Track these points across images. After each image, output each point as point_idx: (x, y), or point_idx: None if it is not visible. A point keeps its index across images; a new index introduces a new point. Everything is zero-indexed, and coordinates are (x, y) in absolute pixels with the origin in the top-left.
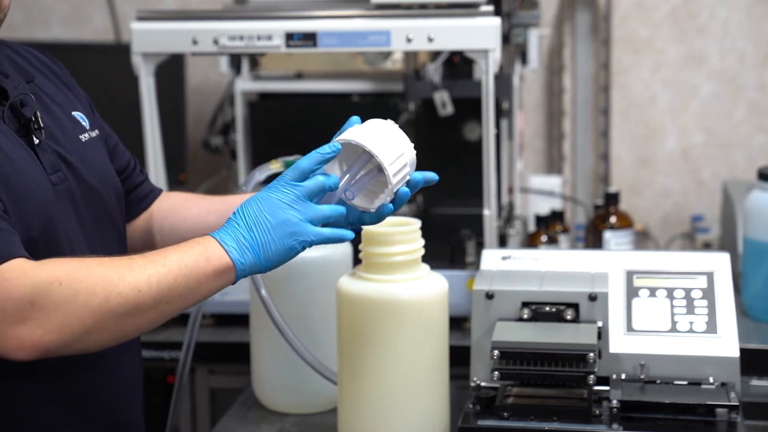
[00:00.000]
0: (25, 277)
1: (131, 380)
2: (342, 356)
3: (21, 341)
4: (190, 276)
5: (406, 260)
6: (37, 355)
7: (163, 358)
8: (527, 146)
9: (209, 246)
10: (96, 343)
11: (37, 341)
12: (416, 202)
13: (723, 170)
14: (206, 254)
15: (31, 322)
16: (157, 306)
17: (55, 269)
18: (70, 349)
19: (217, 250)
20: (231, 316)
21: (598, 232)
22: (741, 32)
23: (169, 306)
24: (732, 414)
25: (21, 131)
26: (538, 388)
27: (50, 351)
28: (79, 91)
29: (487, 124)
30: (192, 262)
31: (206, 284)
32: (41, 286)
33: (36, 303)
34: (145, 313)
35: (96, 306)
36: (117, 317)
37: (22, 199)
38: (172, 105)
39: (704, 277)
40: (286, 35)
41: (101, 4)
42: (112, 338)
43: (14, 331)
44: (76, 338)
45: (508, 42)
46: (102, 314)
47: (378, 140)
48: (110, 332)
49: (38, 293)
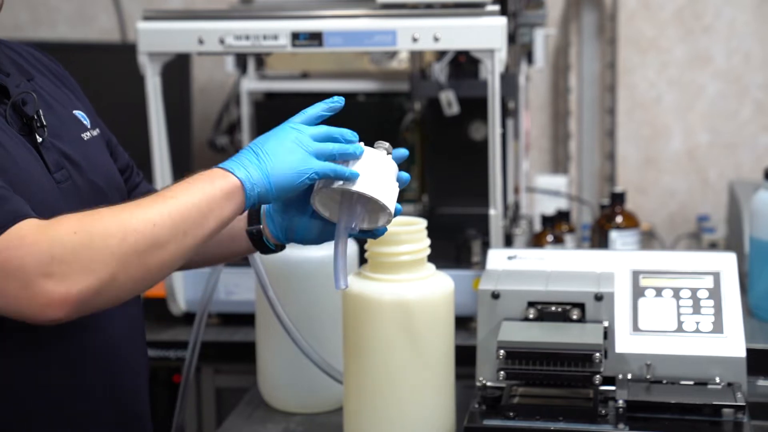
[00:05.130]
0: (40, 233)
1: (138, 372)
2: (348, 356)
3: (50, 297)
4: (201, 203)
5: (412, 260)
6: (70, 310)
7: (169, 358)
8: (533, 146)
9: (214, 172)
10: (126, 287)
11: (65, 294)
12: (422, 202)
13: (729, 170)
14: (211, 178)
15: (55, 276)
16: (175, 237)
17: (67, 221)
18: (103, 298)
19: (222, 173)
20: (237, 316)
21: (604, 232)
22: (747, 32)
23: (187, 237)
24: (738, 414)
25: (23, 130)
26: (543, 388)
27: (82, 302)
28: (78, 89)
29: (492, 124)
30: (198, 189)
31: (218, 208)
32: (57, 239)
33: (56, 255)
34: (165, 246)
35: (115, 246)
36: (138, 254)
37: (26, 199)
38: (178, 104)
39: (710, 277)
40: (291, 35)
41: (107, 4)
42: (140, 278)
43: (40, 287)
44: (105, 283)
45: (514, 42)
46: (123, 253)
47: (373, 180)
48: (136, 271)
49: (55, 245)
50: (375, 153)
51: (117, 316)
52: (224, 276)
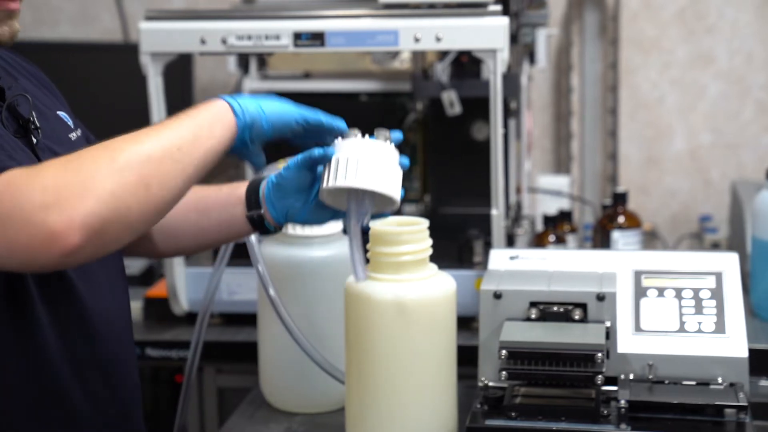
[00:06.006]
0: (29, 175)
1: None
2: (350, 356)
3: (53, 228)
4: (188, 122)
5: (414, 260)
6: (79, 238)
7: (171, 358)
8: (535, 146)
9: (200, 104)
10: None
11: (68, 221)
12: (424, 202)
13: (731, 170)
14: (198, 107)
15: (53, 206)
16: (169, 154)
17: (53, 161)
18: (112, 224)
19: (210, 101)
20: (239, 316)
21: (606, 232)
22: (749, 32)
23: (183, 154)
24: (740, 414)
25: (19, 132)
26: (546, 388)
27: (90, 228)
28: (56, 91)
29: (495, 124)
30: (184, 115)
31: (208, 129)
32: (48, 174)
33: (48, 186)
34: (161, 162)
35: (105, 166)
36: (133, 170)
37: None
38: (181, 104)
39: (713, 277)
40: (294, 35)
41: (109, 4)
42: (143, 198)
43: (41, 220)
44: (108, 204)
45: (516, 42)
46: (116, 170)
47: (380, 174)
48: (136, 188)
49: (47, 178)
50: (378, 145)
51: (103, 308)
52: (226, 276)
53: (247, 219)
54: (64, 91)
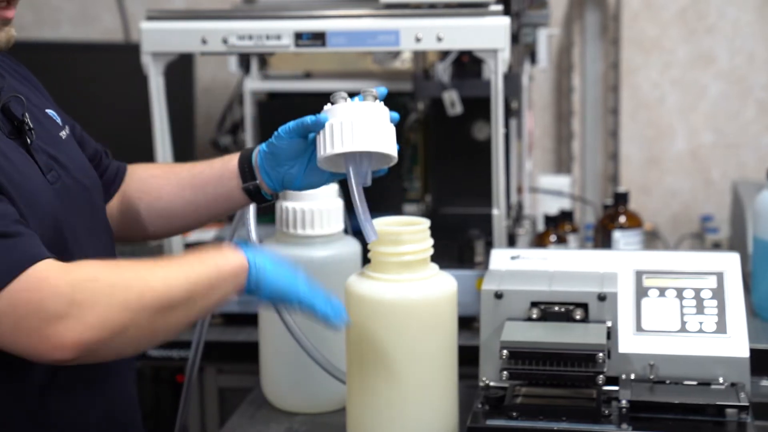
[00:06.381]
0: (63, 275)
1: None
2: (351, 356)
3: (61, 340)
4: (211, 274)
5: (415, 260)
6: (77, 354)
7: (172, 358)
8: (536, 146)
9: (224, 247)
10: (131, 341)
11: (77, 339)
12: (425, 202)
13: (732, 170)
14: (224, 253)
15: (71, 319)
16: (186, 303)
17: (89, 267)
18: (108, 348)
19: (231, 249)
20: (240, 316)
21: (607, 232)
22: (750, 32)
23: (196, 304)
24: (742, 414)
25: (13, 133)
26: (547, 388)
27: (90, 349)
28: (42, 88)
29: (496, 124)
30: (212, 263)
31: (223, 285)
32: (80, 284)
33: (75, 300)
34: (175, 310)
35: (133, 301)
36: (151, 313)
37: (33, 205)
38: (182, 104)
39: (714, 277)
40: (295, 35)
41: (110, 4)
42: (145, 337)
43: (54, 329)
44: (116, 334)
45: (517, 41)
46: (138, 309)
47: (374, 133)
48: (145, 329)
49: (77, 290)
50: (367, 105)
51: None
52: None
53: (243, 190)
54: (65, 91)
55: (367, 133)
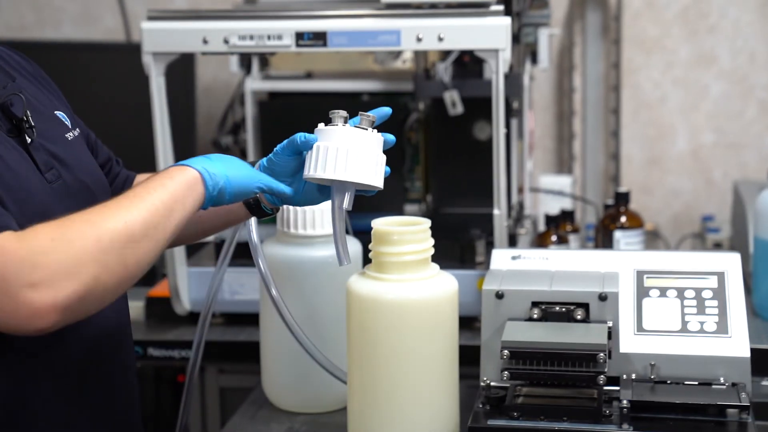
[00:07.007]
0: (18, 243)
1: (128, 387)
2: (352, 355)
3: (35, 307)
4: (164, 196)
5: (416, 260)
6: (57, 317)
7: (173, 357)
8: (537, 146)
9: (170, 168)
10: (108, 287)
11: (52, 302)
12: (426, 202)
13: (733, 170)
14: (169, 174)
15: (39, 285)
16: (147, 232)
17: (42, 229)
18: (88, 302)
19: (177, 167)
20: (241, 315)
21: (608, 232)
22: (752, 32)
23: (158, 231)
24: (743, 414)
25: (12, 131)
26: (548, 388)
27: (69, 309)
28: (56, 90)
29: (497, 124)
30: (159, 185)
31: (181, 199)
32: (36, 247)
33: (37, 263)
34: (140, 242)
35: (92, 246)
36: (116, 252)
37: (24, 203)
38: (183, 104)
39: (715, 277)
40: (296, 35)
41: (112, 4)
42: (120, 276)
43: (25, 298)
44: (89, 287)
45: (518, 41)
46: (101, 252)
47: (361, 164)
48: (115, 269)
49: (36, 253)
50: (360, 135)
51: (102, 317)
52: (228, 276)
53: (244, 204)
54: (66, 90)
55: (353, 164)
